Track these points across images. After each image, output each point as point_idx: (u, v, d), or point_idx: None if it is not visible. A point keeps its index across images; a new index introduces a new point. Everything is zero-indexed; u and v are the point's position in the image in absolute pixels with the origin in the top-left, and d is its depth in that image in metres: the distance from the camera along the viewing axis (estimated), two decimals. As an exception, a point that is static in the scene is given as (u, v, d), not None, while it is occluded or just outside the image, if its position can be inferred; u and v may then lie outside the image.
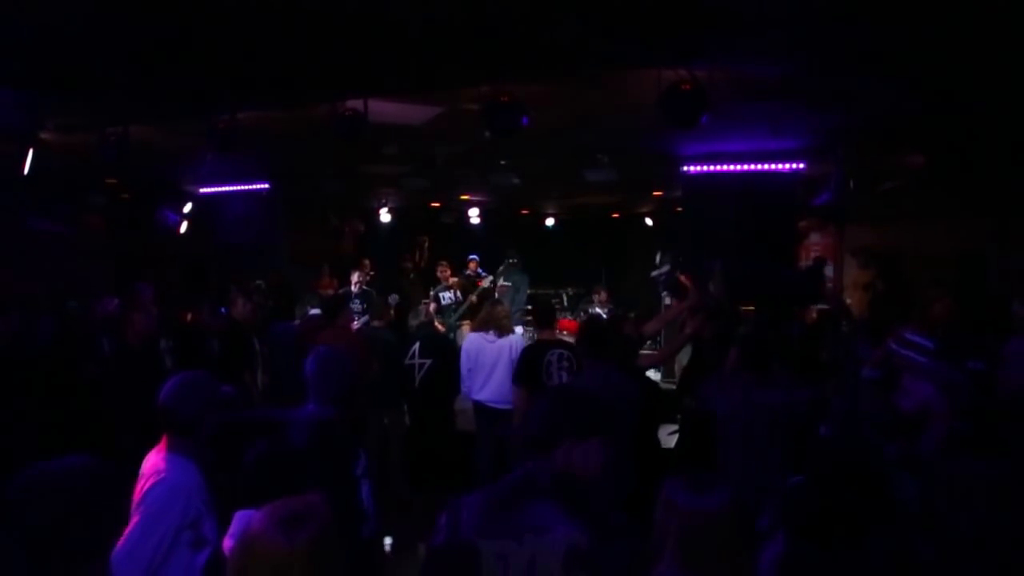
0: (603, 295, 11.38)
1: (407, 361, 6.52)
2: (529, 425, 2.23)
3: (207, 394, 3.01)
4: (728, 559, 2.01)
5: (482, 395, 6.15)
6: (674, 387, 7.65)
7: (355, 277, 10.27)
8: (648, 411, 4.68)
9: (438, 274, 10.56)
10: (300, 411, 3.34)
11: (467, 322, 10.02)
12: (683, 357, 7.75)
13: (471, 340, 6.42)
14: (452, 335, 9.77)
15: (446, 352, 6.70)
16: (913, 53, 4.56)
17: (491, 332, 6.25)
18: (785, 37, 4.25)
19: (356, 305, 9.77)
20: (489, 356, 6.16)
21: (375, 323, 7.24)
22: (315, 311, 7.37)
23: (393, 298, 10.01)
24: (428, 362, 6.47)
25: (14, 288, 7.39)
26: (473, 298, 10.11)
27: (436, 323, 9.45)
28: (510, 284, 10.71)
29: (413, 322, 7.52)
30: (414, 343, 6.61)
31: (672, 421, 6.73)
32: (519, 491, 2.10)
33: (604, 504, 2.13)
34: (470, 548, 2.00)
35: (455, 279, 10.59)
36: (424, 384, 6.43)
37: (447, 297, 10.14)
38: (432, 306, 10.03)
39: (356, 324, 9.22)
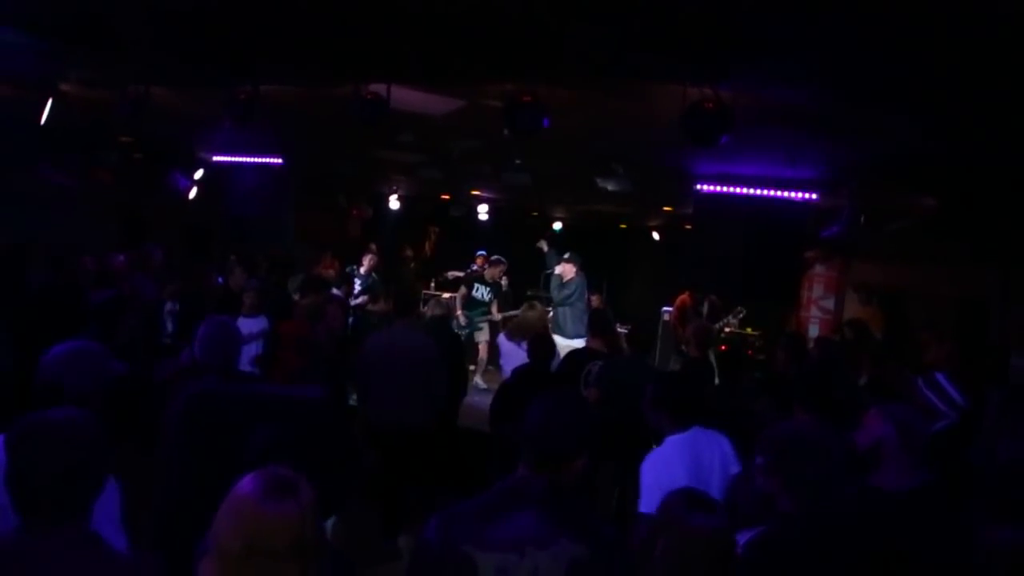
0: (596, 301, 11.40)
1: None
2: (548, 435, 2.14)
3: (98, 368, 2.77)
4: None
5: None
6: None
7: (366, 260, 10.30)
8: None
9: (478, 267, 10.48)
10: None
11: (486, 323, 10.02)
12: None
13: (506, 348, 6.33)
14: (468, 331, 9.75)
15: (454, 351, 6.51)
16: (938, 91, 4.56)
17: (522, 342, 6.14)
18: (813, 63, 4.26)
19: (357, 286, 9.82)
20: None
21: (371, 307, 7.18)
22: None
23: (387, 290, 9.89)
24: None
25: (16, 237, 7.38)
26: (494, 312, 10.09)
27: (459, 313, 9.41)
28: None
29: (430, 313, 7.25)
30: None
31: None
32: (509, 501, 2.06)
33: (593, 516, 2.12)
34: (467, 561, 1.95)
35: (494, 273, 10.41)
36: None
37: (483, 292, 10.07)
38: (462, 291, 10.01)
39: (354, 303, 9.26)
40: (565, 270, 9.08)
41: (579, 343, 7.77)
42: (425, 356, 5.61)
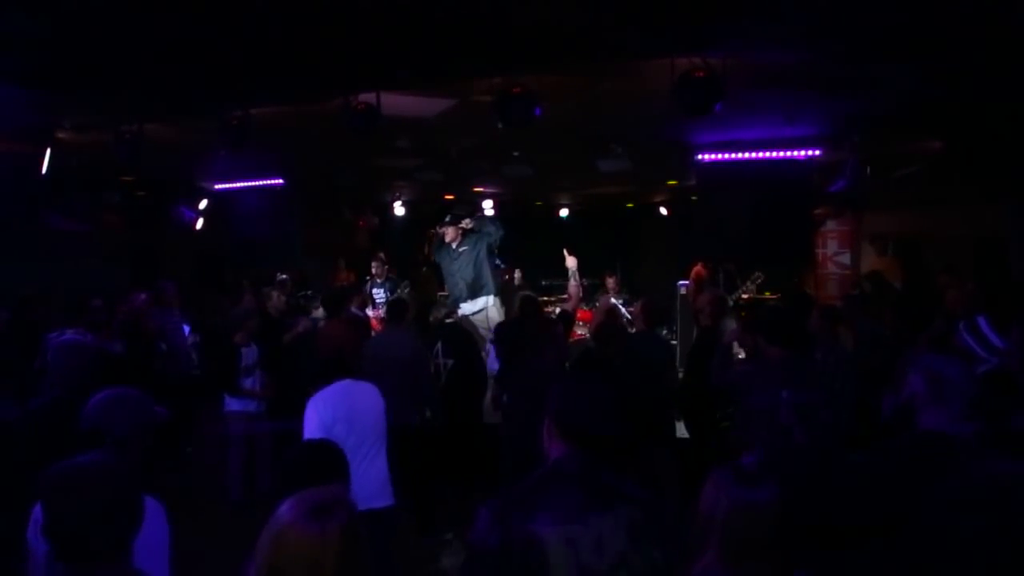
0: (612, 282, 11.38)
1: (433, 360, 6.47)
2: (578, 411, 2.19)
3: (139, 413, 2.76)
4: (772, 556, 1.99)
5: None
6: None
7: (375, 268, 10.33)
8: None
9: None
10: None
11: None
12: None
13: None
14: None
15: (469, 351, 6.64)
16: (931, 38, 4.50)
17: None
18: (801, 23, 4.21)
19: (381, 295, 9.84)
20: None
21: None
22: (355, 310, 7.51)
23: (404, 285, 10.08)
24: (451, 362, 6.43)
25: (30, 287, 7.46)
26: None
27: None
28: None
29: (437, 314, 7.34)
30: (436, 341, 6.56)
31: None
32: (551, 482, 2.09)
33: (633, 484, 2.14)
34: (533, 542, 1.96)
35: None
36: (449, 383, 6.40)
37: None
38: None
39: (381, 313, 9.26)
40: (448, 234, 8.71)
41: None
42: (411, 358, 5.87)
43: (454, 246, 8.70)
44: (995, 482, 2.13)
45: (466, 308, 8.45)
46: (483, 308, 8.35)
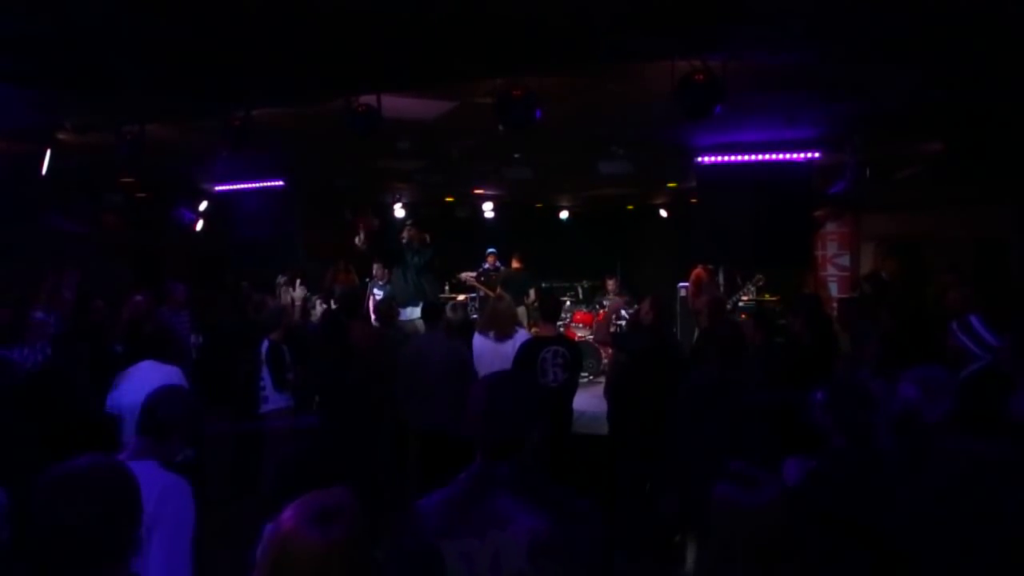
0: (613, 284, 11.39)
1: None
2: (491, 425, 2.11)
3: (191, 406, 3.08)
4: (795, 558, 1.96)
5: None
6: None
7: (376, 269, 10.38)
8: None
9: (489, 265, 10.84)
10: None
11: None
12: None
13: (475, 342, 6.36)
14: None
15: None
16: (932, 39, 4.50)
17: (491, 334, 6.18)
18: (802, 26, 4.21)
19: (381, 295, 9.90)
20: (487, 358, 6.09)
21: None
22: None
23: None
24: None
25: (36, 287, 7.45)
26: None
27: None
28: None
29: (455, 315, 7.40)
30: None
31: None
32: (478, 487, 2.04)
33: (564, 491, 2.07)
34: (432, 551, 1.94)
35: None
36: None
37: None
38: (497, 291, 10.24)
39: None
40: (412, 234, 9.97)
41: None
42: (447, 361, 5.83)
43: (416, 245, 9.78)
44: (965, 458, 2.26)
45: (409, 312, 8.85)
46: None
